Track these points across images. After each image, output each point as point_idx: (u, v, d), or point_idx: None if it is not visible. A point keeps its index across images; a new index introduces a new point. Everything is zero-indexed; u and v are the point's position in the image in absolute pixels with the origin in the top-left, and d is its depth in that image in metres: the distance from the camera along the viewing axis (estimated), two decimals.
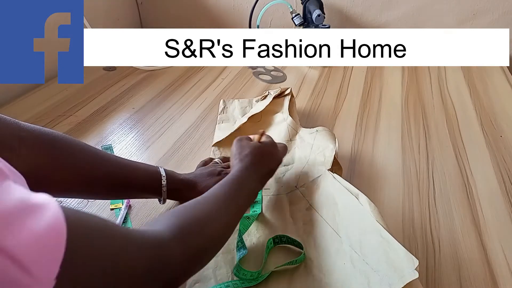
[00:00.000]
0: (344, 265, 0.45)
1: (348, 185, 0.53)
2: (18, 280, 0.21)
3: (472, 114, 0.83)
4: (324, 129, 0.68)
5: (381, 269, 0.42)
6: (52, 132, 0.47)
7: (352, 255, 0.46)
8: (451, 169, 0.67)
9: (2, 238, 0.21)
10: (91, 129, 0.81)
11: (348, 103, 0.89)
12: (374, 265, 0.43)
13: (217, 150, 0.72)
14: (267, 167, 0.54)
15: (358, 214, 0.49)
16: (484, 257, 0.51)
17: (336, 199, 0.53)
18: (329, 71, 1.06)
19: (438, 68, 1.05)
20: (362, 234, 0.46)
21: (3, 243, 0.21)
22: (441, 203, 0.60)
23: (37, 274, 0.22)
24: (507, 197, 0.60)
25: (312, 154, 0.63)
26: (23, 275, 0.21)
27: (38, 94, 0.95)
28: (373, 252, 0.44)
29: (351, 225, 0.48)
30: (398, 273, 0.40)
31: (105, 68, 1.09)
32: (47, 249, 0.23)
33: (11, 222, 0.22)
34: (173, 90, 0.98)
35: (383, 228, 0.45)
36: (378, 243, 0.44)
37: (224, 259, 0.50)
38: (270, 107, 0.79)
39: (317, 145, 0.65)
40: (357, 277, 0.43)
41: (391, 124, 0.80)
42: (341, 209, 0.51)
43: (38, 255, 0.22)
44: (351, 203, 0.50)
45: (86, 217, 0.29)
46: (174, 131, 0.80)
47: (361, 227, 0.47)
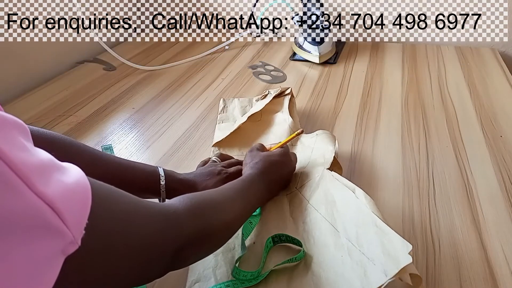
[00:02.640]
0: (341, 257, 0.46)
1: (345, 181, 0.54)
2: (53, 226, 0.22)
3: (472, 114, 0.83)
4: (324, 132, 0.68)
5: (377, 258, 0.42)
6: (50, 133, 0.47)
7: (349, 247, 0.46)
8: (451, 169, 0.67)
9: (41, 185, 0.22)
10: (91, 129, 0.81)
11: (348, 103, 0.89)
12: (370, 255, 0.43)
13: (217, 150, 0.72)
14: (277, 175, 0.57)
15: (355, 207, 0.49)
16: (484, 257, 0.51)
17: (335, 196, 0.53)
18: (329, 71, 1.06)
19: (438, 67, 1.05)
20: (358, 226, 0.47)
21: (41, 189, 0.22)
22: (441, 203, 0.60)
23: (70, 222, 0.23)
24: (507, 197, 0.60)
25: (312, 157, 0.64)
26: (59, 222, 0.22)
27: (38, 94, 0.95)
28: (369, 242, 0.44)
29: (348, 218, 0.49)
30: (393, 260, 0.40)
31: (105, 68, 1.09)
32: (77, 201, 0.25)
33: (47, 172, 0.23)
34: (173, 90, 0.98)
35: (378, 218, 0.45)
36: (374, 233, 0.44)
37: (224, 258, 0.50)
38: (270, 106, 0.79)
39: (317, 148, 0.65)
40: (354, 268, 0.43)
41: (391, 124, 0.80)
42: (340, 205, 0.51)
43: (70, 205, 0.23)
44: (348, 197, 0.51)
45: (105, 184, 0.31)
46: (174, 131, 0.80)
47: (357, 219, 0.48)
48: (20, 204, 0.21)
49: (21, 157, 0.22)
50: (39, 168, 0.23)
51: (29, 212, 0.21)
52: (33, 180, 0.21)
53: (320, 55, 1.07)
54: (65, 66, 1.09)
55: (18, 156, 0.21)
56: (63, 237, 0.23)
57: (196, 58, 1.15)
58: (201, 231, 0.39)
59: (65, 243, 0.23)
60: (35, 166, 0.22)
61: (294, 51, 1.16)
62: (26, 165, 0.22)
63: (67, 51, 1.10)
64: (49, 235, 0.22)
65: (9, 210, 0.20)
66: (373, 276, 0.41)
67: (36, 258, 0.21)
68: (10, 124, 0.23)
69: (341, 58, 1.13)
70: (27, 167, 0.22)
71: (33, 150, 0.24)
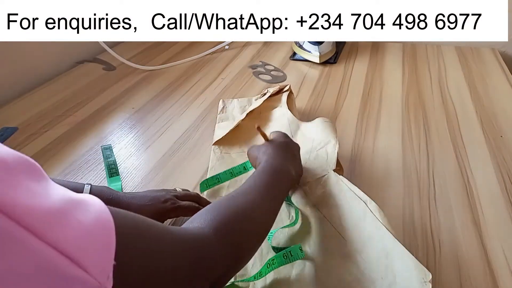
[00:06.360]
0: (348, 268, 0.45)
1: (355, 189, 0.53)
2: (72, 276, 0.21)
3: (472, 114, 0.83)
4: (324, 120, 0.67)
5: (386, 276, 0.42)
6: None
7: (357, 259, 0.46)
8: (451, 169, 0.67)
9: (53, 232, 0.20)
10: (91, 129, 0.81)
11: (348, 103, 0.89)
12: (379, 271, 0.43)
13: (217, 149, 0.72)
14: (289, 152, 0.55)
15: (365, 219, 0.48)
16: (484, 257, 0.51)
17: (341, 201, 0.52)
18: (329, 71, 1.06)
19: (438, 67, 1.05)
20: (369, 239, 0.46)
21: (52, 237, 0.20)
22: (441, 203, 0.60)
23: (92, 268, 0.21)
24: (507, 197, 0.60)
25: (314, 151, 0.63)
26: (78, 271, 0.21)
27: (38, 94, 0.95)
28: (378, 259, 0.44)
29: (357, 229, 0.48)
30: (407, 283, 0.40)
31: (105, 68, 1.09)
32: (99, 243, 0.23)
33: (62, 214, 0.22)
34: (173, 90, 0.98)
35: (392, 236, 0.44)
36: (387, 249, 0.44)
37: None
38: (269, 103, 0.79)
39: (318, 139, 0.64)
40: (361, 281, 0.43)
41: (391, 124, 0.80)
42: (347, 212, 0.51)
43: (90, 250, 0.22)
44: (358, 208, 0.50)
45: (130, 214, 0.28)
46: (174, 131, 0.80)
47: (369, 232, 0.47)
48: (31, 258, 0.19)
49: (28, 206, 0.20)
50: (51, 212, 0.21)
51: (43, 265, 0.20)
52: (42, 229, 0.20)
53: (320, 55, 1.07)
54: (65, 66, 1.09)
55: (24, 204, 0.20)
56: (87, 286, 0.21)
57: (196, 58, 1.15)
58: (236, 255, 0.37)
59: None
60: (45, 212, 0.21)
61: (294, 51, 1.16)
62: (33, 214, 0.20)
63: (67, 51, 1.10)
64: (70, 286, 0.21)
65: (20, 266, 0.19)
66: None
67: None
68: (14, 168, 0.21)
69: (341, 58, 1.13)
70: (35, 216, 0.20)
71: (45, 192, 0.22)
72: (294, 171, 0.53)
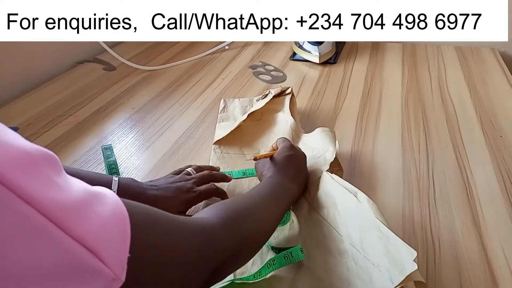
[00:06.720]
0: (346, 263, 0.46)
1: (346, 184, 0.53)
2: (92, 268, 0.21)
3: (472, 114, 0.83)
4: (324, 130, 0.68)
5: (382, 264, 0.42)
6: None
7: (353, 253, 0.46)
8: (451, 169, 0.67)
9: (76, 225, 0.21)
10: (91, 129, 0.81)
11: (348, 103, 0.89)
12: (375, 260, 0.43)
13: (218, 149, 0.72)
14: (294, 167, 0.56)
15: (357, 211, 0.49)
16: (484, 257, 0.51)
17: (336, 199, 0.53)
18: (329, 71, 1.06)
19: (438, 67, 1.05)
20: (362, 231, 0.46)
21: (77, 230, 0.21)
22: (441, 203, 0.60)
23: (109, 260, 0.22)
24: (507, 197, 0.60)
25: (314, 158, 0.63)
26: (97, 262, 0.21)
27: (38, 94, 0.95)
28: (373, 248, 0.44)
29: (351, 223, 0.49)
30: (398, 267, 0.40)
31: (105, 68, 1.09)
32: (115, 235, 0.23)
33: (82, 207, 0.22)
34: (173, 90, 0.98)
35: (382, 224, 0.45)
36: (378, 238, 0.44)
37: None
38: (270, 106, 0.79)
39: (318, 148, 0.65)
40: (359, 274, 0.43)
41: (391, 124, 0.80)
42: (341, 209, 0.51)
43: (108, 242, 0.22)
44: (350, 202, 0.50)
45: (140, 204, 0.29)
46: (174, 131, 0.80)
47: (361, 224, 0.47)
48: (57, 252, 0.20)
49: (54, 199, 0.20)
50: (74, 206, 0.22)
51: (67, 258, 0.20)
52: (67, 222, 0.20)
53: (320, 55, 1.07)
54: (65, 66, 1.09)
55: (50, 198, 0.20)
56: (104, 277, 0.22)
57: (196, 58, 1.15)
58: (238, 245, 0.39)
59: (107, 282, 0.22)
60: (69, 205, 0.21)
61: (294, 51, 1.16)
62: (59, 208, 0.20)
63: (67, 51, 1.10)
64: (89, 278, 0.21)
65: (45, 259, 0.19)
66: (379, 282, 0.41)
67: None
68: (38, 161, 0.21)
69: (341, 58, 1.13)
70: (61, 210, 0.20)
71: (66, 185, 0.22)
72: (296, 186, 0.55)
